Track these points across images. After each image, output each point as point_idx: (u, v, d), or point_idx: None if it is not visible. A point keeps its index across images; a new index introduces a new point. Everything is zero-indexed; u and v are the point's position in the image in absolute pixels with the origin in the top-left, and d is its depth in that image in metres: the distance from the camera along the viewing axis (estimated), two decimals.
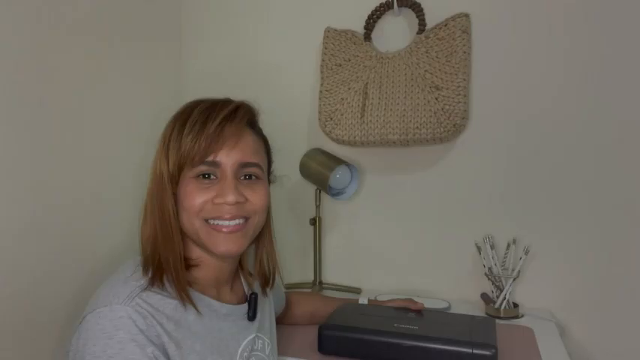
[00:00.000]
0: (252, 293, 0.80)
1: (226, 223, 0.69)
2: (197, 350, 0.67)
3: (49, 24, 0.95)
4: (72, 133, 1.00)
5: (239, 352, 0.74)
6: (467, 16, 1.13)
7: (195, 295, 0.70)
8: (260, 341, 0.79)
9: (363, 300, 1.13)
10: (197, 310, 0.69)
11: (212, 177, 0.69)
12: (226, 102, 0.73)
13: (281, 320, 1.01)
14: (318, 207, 1.29)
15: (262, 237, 0.80)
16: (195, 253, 0.73)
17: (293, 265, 1.37)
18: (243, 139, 0.71)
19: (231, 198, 0.68)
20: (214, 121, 0.68)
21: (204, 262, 0.73)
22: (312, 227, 1.29)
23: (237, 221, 0.70)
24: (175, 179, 0.69)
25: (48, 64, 0.94)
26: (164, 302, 0.65)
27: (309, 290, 1.28)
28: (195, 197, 0.68)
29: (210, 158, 0.68)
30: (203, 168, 0.69)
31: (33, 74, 0.91)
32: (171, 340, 0.64)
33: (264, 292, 0.84)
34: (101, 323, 0.60)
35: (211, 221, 0.69)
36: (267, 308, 0.86)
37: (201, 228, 0.69)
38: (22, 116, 0.89)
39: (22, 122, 0.89)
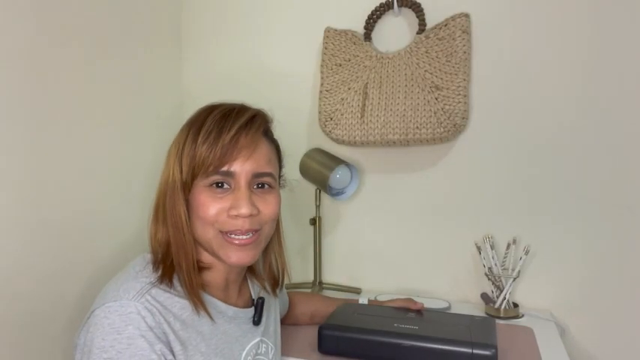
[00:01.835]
0: (260, 298, 0.80)
1: (240, 236, 0.69)
2: (202, 351, 0.67)
3: (49, 28, 0.95)
4: (74, 136, 1.00)
5: (243, 355, 0.74)
6: (467, 16, 1.13)
7: (202, 296, 0.70)
8: (264, 345, 0.79)
9: (363, 300, 1.13)
10: (209, 315, 0.69)
11: (225, 186, 0.69)
12: (242, 109, 0.72)
13: (281, 320, 1.01)
14: (318, 207, 1.29)
15: (272, 240, 0.79)
16: (207, 258, 0.73)
17: (293, 265, 1.36)
18: (258, 149, 0.70)
19: (244, 210, 0.67)
20: (230, 130, 0.68)
21: (215, 266, 0.73)
22: (312, 227, 1.29)
23: (249, 234, 0.69)
24: (188, 186, 0.69)
25: (47, 68, 0.94)
26: (172, 301, 0.66)
27: (309, 290, 1.28)
28: (210, 207, 0.68)
29: (224, 168, 0.68)
30: (217, 177, 0.68)
31: (33, 79, 0.91)
32: (177, 339, 0.64)
33: (274, 293, 0.84)
34: (110, 318, 0.60)
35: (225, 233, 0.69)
36: (273, 312, 0.86)
37: (215, 238, 0.69)
38: (26, 119, 0.90)
39: (27, 125, 0.90)
